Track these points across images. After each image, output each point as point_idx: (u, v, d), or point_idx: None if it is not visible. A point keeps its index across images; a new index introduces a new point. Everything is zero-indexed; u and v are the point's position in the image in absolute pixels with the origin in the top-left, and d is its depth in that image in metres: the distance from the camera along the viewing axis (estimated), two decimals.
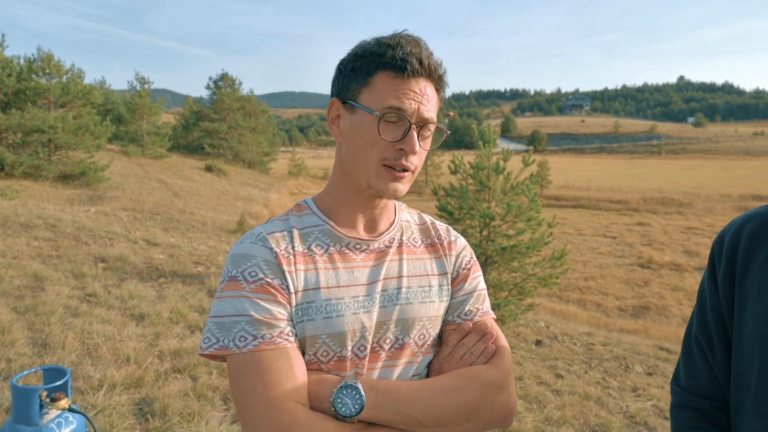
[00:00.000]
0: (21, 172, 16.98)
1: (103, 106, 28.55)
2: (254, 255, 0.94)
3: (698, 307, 1.00)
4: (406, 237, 1.08)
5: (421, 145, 0.96)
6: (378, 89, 0.94)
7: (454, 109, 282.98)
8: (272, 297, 0.92)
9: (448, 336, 1.05)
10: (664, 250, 21.21)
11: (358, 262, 1.00)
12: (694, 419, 0.98)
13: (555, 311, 11.56)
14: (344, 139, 1.00)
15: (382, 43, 0.95)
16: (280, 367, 0.88)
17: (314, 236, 1.00)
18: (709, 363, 0.97)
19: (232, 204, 20.96)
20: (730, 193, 37.33)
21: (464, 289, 1.08)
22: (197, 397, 3.53)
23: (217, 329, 0.91)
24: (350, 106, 0.97)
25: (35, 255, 6.93)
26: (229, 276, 0.94)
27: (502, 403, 0.97)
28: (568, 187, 41.50)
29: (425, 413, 0.91)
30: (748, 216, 0.95)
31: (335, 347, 0.95)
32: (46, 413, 1.98)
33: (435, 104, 0.98)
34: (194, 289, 6.31)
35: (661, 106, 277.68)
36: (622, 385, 5.49)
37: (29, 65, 18.68)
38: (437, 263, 1.08)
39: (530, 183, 8.48)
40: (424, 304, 1.03)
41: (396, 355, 1.00)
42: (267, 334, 0.89)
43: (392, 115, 0.93)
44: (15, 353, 3.85)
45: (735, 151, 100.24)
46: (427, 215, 1.17)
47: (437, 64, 0.97)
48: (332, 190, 1.05)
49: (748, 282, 0.89)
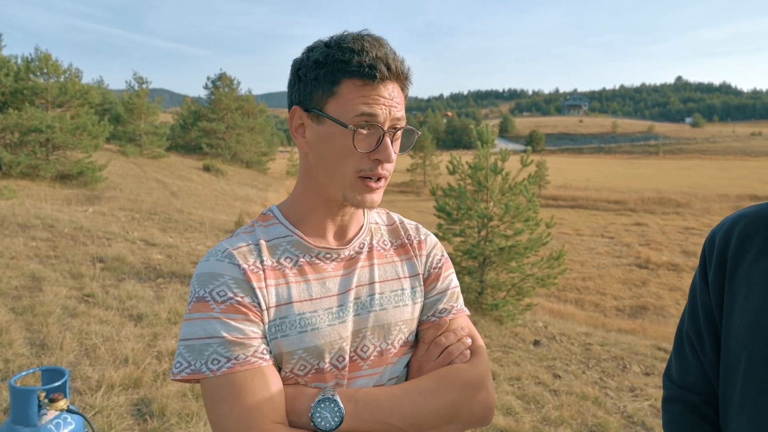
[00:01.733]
0: (18, 172, 16.95)
1: (101, 106, 28.52)
2: (221, 273, 0.91)
3: (690, 304, 1.03)
4: (375, 240, 1.06)
5: (392, 149, 0.93)
6: (346, 98, 0.90)
7: (452, 109, 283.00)
8: (243, 316, 0.89)
9: (424, 334, 1.04)
10: (662, 251, 21.27)
11: (330, 272, 0.98)
12: (685, 413, 1.01)
13: (553, 311, 11.59)
14: (311, 149, 0.95)
15: (345, 48, 0.90)
16: (255, 387, 0.86)
17: (282, 248, 0.97)
18: (700, 359, 1.00)
19: (230, 204, 20.95)
20: (727, 194, 37.43)
21: (437, 288, 1.07)
22: (195, 397, 3.53)
23: (188, 353, 0.88)
24: (315, 116, 0.93)
25: (33, 255, 6.92)
26: (197, 297, 0.90)
27: (481, 403, 0.97)
28: (566, 188, 41.58)
29: (405, 420, 0.90)
30: (739, 216, 0.96)
31: (312, 361, 0.93)
32: (45, 414, 1.98)
33: (402, 103, 0.96)
34: None
35: (659, 107, 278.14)
36: (619, 385, 5.50)
37: (27, 65, 18.65)
38: (408, 265, 1.07)
39: (528, 183, 8.50)
40: (398, 308, 1.02)
41: (377, 363, 0.99)
42: (241, 354, 0.87)
43: (364, 125, 0.90)
44: (13, 354, 3.85)
45: (732, 151, 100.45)
46: (395, 214, 1.14)
47: (402, 64, 0.94)
48: (299, 199, 1.01)
49: (738, 281, 0.91)
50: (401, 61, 0.94)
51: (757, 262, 0.89)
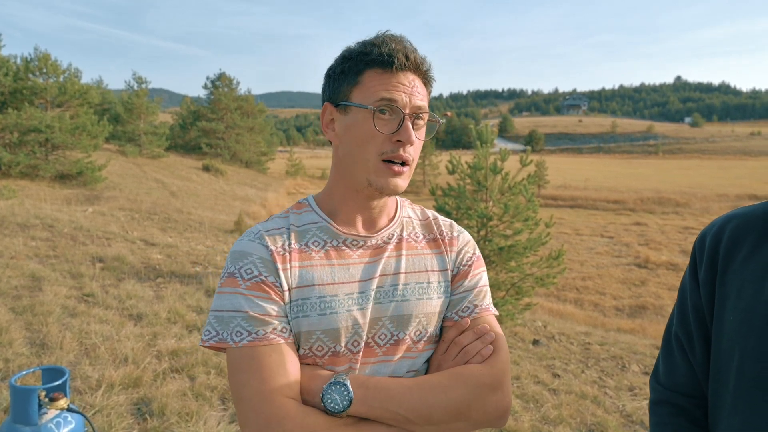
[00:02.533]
0: (18, 172, 16.94)
1: (101, 106, 28.49)
2: (251, 252, 0.97)
3: (679, 304, 1.02)
4: (406, 233, 1.08)
5: (416, 136, 0.98)
6: (368, 86, 0.97)
7: (451, 108, 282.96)
8: (266, 294, 0.95)
9: (446, 332, 1.05)
10: (661, 250, 21.28)
11: (354, 258, 1.02)
12: (673, 415, 1.00)
13: (552, 311, 11.59)
14: (340, 141, 1.01)
15: (367, 43, 0.98)
16: (273, 362, 0.91)
17: (312, 233, 1.02)
18: (689, 360, 0.99)
19: (230, 204, 20.95)
20: (726, 193, 37.45)
21: (464, 285, 1.08)
22: (195, 396, 3.54)
23: (216, 323, 0.95)
24: (343, 107, 1.00)
25: (32, 255, 6.92)
26: (228, 272, 0.97)
27: (494, 404, 0.97)
28: (565, 187, 41.58)
29: (414, 411, 0.92)
30: (730, 216, 0.97)
31: (329, 343, 0.97)
32: (45, 413, 1.99)
33: (425, 96, 1.01)
34: (192, 289, 6.31)
35: (658, 106, 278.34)
36: (618, 385, 5.51)
37: (26, 65, 18.64)
38: (438, 259, 1.08)
39: (528, 183, 8.50)
40: (422, 301, 1.03)
41: (391, 351, 1.01)
42: (261, 330, 0.92)
43: (385, 108, 0.96)
44: (13, 353, 3.86)
45: (732, 151, 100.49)
46: (430, 211, 1.17)
47: (422, 59, 1.01)
48: (331, 191, 1.06)
49: (729, 280, 0.91)
50: (421, 56, 1.01)
51: (749, 261, 0.89)
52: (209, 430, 3.14)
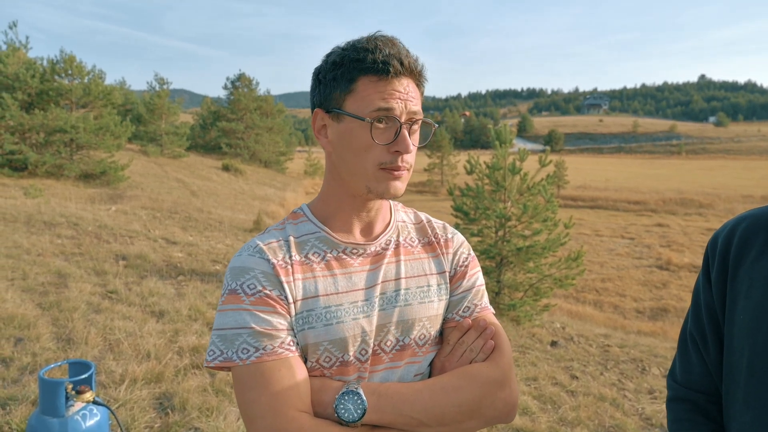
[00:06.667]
0: (44, 171, 17.32)
1: (123, 107, 28.96)
2: (252, 267, 0.96)
3: (693, 305, 1.05)
4: (402, 238, 1.08)
5: (412, 142, 0.97)
6: (363, 95, 0.94)
7: (470, 108, 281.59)
8: (272, 308, 0.93)
9: (449, 334, 1.06)
10: (684, 252, 20.90)
11: (356, 267, 1.01)
12: (689, 411, 1.03)
13: (571, 312, 11.48)
14: (334, 148, 1.00)
15: (360, 48, 0.95)
16: (283, 377, 0.90)
17: (311, 244, 1.01)
18: (703, 358, 1.02)
19: (249, 203, 21.14)
20: (752, 194, 36.61)
21: (462, 286, 1.09)
22: (215, 392, 3.60)
23: (220, 342, 0.93)
24: (336, 115, 0.97)
25: (58, 252, 7.09)
26: (229, 289, 0.95)
27: (503, 400, 0.99)
28: (585, 188, 41.08)
29: (427, 414, 0.93)
30: (741, 218, 0.99)
31: (337, 353, 0.96)
32: (72, 405, 2.05)
33: (419, 98, 0.99)
34: (212, 287, 6.40)
35: (682, 105, 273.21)
36: (638, 387, 5.45)
37: (52, 66, 19.03)
38: (435, 262, 1.09)
39: (547, 183, 8.44)
40: (423, 304, 1.04)
41: (398, 357, 1.02)
42: (268, 345, 0.91)
43: (382, 118, 0.94)
44: (40, 348, 3.96)
45: (758, 151, 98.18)
46: (423, 213, 1.17)
47: (416, 61, 0.98)
48: (326, 198, 1.05)
49: (739, 280, 0.93)
50: (414, 58, 0.98)
51: (759, 261, 0.91)
52: (229, 426, 3.20)
